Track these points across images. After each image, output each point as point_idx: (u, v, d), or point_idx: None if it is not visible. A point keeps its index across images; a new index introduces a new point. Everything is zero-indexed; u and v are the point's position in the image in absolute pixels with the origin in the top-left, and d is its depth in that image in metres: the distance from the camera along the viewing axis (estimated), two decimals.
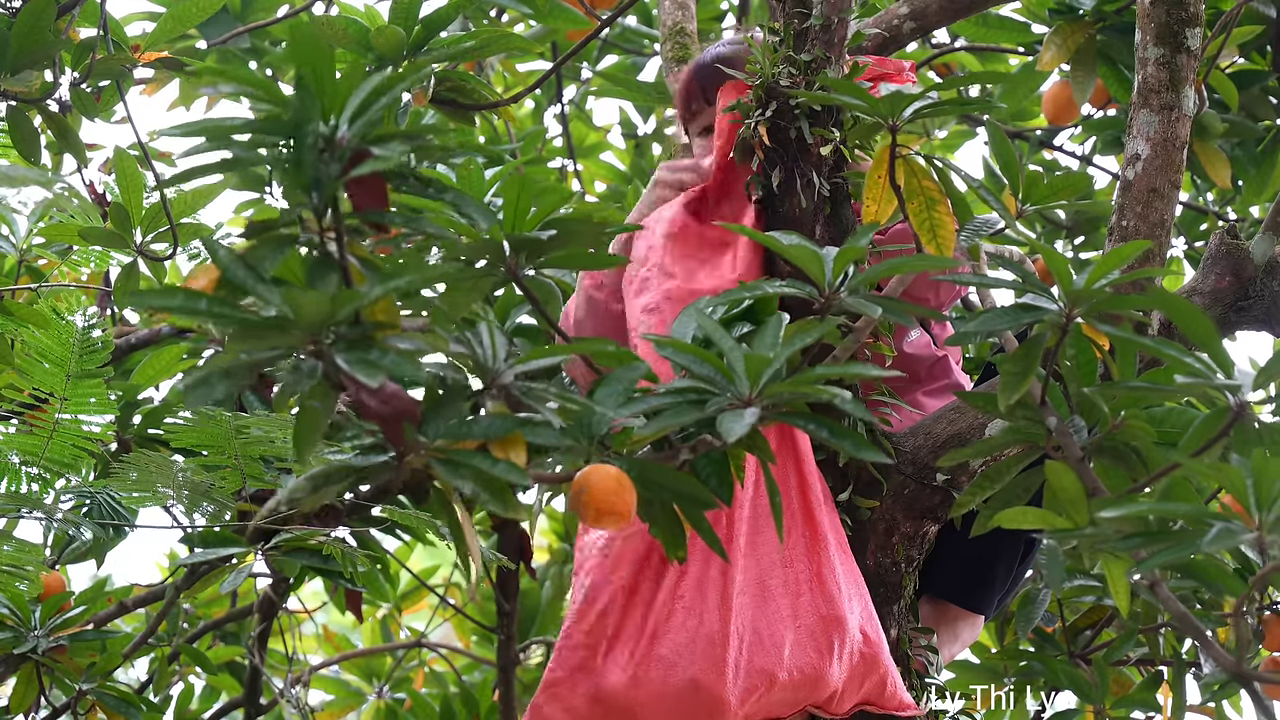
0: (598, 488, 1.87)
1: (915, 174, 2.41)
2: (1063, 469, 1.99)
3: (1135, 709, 3.48)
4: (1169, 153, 2.97)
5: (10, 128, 3.40)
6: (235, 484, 3.18)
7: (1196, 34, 2.98)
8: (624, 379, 1.95)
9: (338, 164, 1.74)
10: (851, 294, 2.10)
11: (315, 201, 1.74)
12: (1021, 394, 2.04)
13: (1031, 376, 2.04)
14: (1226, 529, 1.77)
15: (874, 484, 2.92)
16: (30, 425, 3.37)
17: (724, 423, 1.89)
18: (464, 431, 1.82)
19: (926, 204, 2.43)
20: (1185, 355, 1.96)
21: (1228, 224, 3.16)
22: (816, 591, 2.71)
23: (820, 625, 2.68)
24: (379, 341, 1.72)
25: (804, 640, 2.67)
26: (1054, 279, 2.04)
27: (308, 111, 1.74)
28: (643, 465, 1.93)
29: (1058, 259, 2.00)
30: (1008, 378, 2.04)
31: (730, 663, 2.61)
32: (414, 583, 5.46)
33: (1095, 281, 2.00)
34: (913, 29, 3.59)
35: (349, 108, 1.76)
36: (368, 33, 3.16)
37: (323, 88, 1.74)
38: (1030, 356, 2.04)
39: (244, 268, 1.71)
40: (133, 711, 3.46)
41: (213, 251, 1.68)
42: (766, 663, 2.64)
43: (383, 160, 1.73)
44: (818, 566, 2.72)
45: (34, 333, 3.35)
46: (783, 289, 2.12)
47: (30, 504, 3.17)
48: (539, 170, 5.45)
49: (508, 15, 5.70)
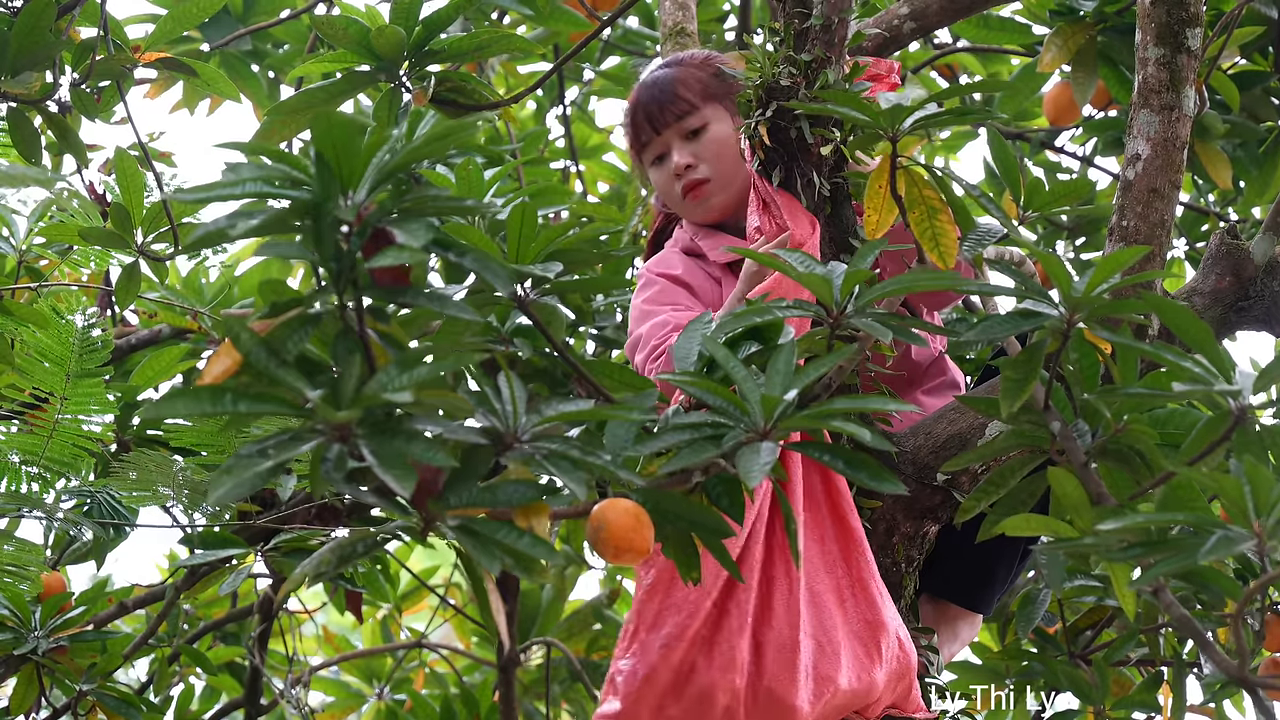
0: (615, 525, 1.87)
1: (916, 183, 2.40)
2: (1066, 475, 1.99)
3: (1135, 709, 3.47)
4: (1169, 153, 2.96)
5: (10, 128, 3.40)
6: None
7: (1197, 34, 2.97)
8: (636, 411, 1.93)
9: (359, 238, 1.73)
10: (859, 314, 2.10)
11: (335, 277, 1.73)
12: (1023, 400, 2.03)
13: (1033, 383, 2.03)
14: (1225, 537, 1.77)
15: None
16: (30, 425, 3.37)
17: (743, 461, 1.88)
18: (486, 499, 1.81)
19: (928, 213, 2.42)
20: (1184, 359, 1.96)
21: (1228, 224, 3.16)
22: (861, 597, 2.69)
23: (868, 631, 2.67)
24: (405, 428, 1.71)
25: (856, 647, 2.66)
26: (1052, 283, 2.04)
27: (327, 189, 1.72)
28: (657, 496, 1.92)
29: (1057, 264, 2.00)
30: (1009, 384, 2.04)
31: (801, 669, 2.60)
32: (414, 583, 5.46)
33: (1095, 287, 2.00)
34: (913, 29, 3.59)
35: (366, 180, 1.74)
36: (368, 33, 3.16)
37: (341, 160, 1.72)
38: (1032, 362, 2.03)
39: (267, 352, 1.71)
40: (133, 712, 3.46)
41: (234, 335, 1.67)
42: (830, 669, 2.62)
43: (408, 251, 1.71)
44: (858, 571, 2.71)
45: (34, 332, 3.35)
46: (790, 312, 2.11)
47: (30, 504, 3.17)
48: (541, 171, 5.45)
49: (509, 17, 5.70)
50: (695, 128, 3.09)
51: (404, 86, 3.26)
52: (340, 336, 1.75)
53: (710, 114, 3.11)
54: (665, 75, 3.17)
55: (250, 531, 3.55)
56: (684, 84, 3.13)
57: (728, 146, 3.07)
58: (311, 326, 1.75)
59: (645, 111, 3.14)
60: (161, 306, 4.22)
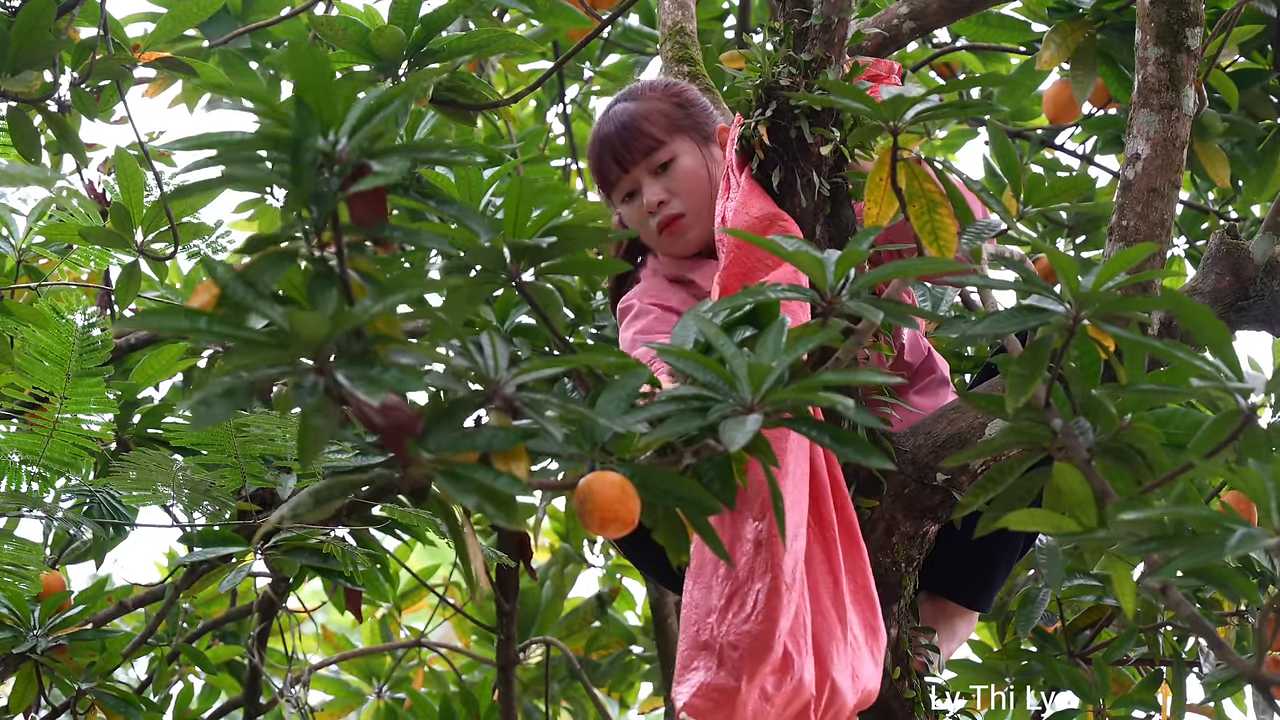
0: (600, 496, 1.87)
1: (917, 176, 2.40)
2: (1071, 471, 1.99)
3: (1135, 709, 3.48)
4: (1169, 152, 2.96)
5: (10, 128, 3.40)
6: (235, 483, 3.18)
7: (1197, 33, 2.97)
8: (627, 386, 1.94)
9: (337, 179, 1.74)
10: (853, 298, 2.10)
11: (315, 216, 1.74)
12: (1029, 397, 2.03)
13: (1039, 379, 2.03)
14: (1249, 534, 1.77)
15: (874, 483, 2.92)
16: (30, 424, 3.37)
17: (727, 430, 1.88)
18: (466, 443, 1.81)
19: (928, 206, 2.43)
20: (1195, 357, 1.96)
21: (1228, 223, 3.16)
22: (866, 603, 2.69)
23: (871, 636, 2.68)
24: (380, 356, 1.72)
25: (861, 651, 2.66)
26: (1058, 278, 2.04)
27: (306, 127, 1.73)
28: (646, 471, 1.93)
29: (1065, 260, 2.00)
30: (1015, 379, 2.03)
31: (847, 661, 2.59)
32: (413, 582, 5.46)
33: (1103, 283, 2.00)
34: (912, 29, 3.59)
35: (348, 121, 1.76)
36: (368, 33, 3.15)
37: (321, 102, 1.74)
38: (1038, 359, 2.03)
39: (243, 285, 1.71)
40: (132, 711, 3.47)
41: (211, 269, 1.68)
42: (860, 667, 2.62)
43: (383, 176, 1.73)
44: (863, 580, 2.70)
45: (34, 332, 3.35)
46: (785, 294, 2.12)
47: (30, 503, 3.17)
48: (541, 170, 5.45)
49: (509, 15, 5.70)
50: (664, 161, 3.08)
51: None
52: (318, 276, 1.76)
53: (678, 146, 3.09)
54: (628, 111, 3.13)
55: (249, 530, 3.55)
56: (648, 119, 3.10)
57: (698, 178, 3.06)
58: (288, 261, 1.76)
59: (611, 150, 3.11)
60: (161, 305, 4.22)
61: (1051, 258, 2.01)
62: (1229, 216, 4.96)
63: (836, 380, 1.95)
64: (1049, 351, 2.04)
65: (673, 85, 3.20)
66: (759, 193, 2.83)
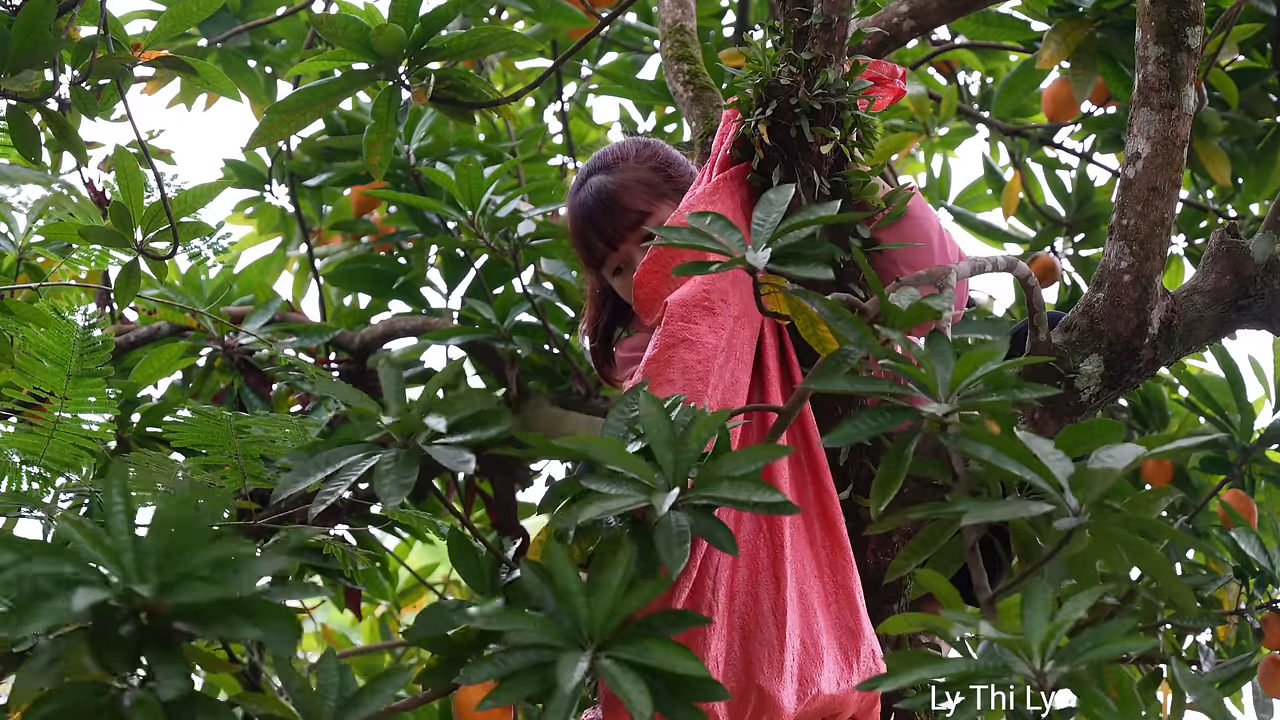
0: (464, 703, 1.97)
1: (801, 310, 2.58)
2: (935, 576, 2.06)
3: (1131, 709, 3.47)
4: (1169, 151, 2.97)
5: (10, 127, 3.39)
6: (235, 483, 3.18)
7: (1197, 32, 2.98)
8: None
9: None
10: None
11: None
12: (890, 498, 2.16)
13: (900, 479, 2.14)
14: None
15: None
16: (30, 424, 3.37)
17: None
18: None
19: (810, 321, 2.61)
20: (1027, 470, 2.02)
21: (1228, 222, 3.16)
22: (844, 603, 2.69)
23: (849, 638, 2.67)
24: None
25: (837, 654, 2.65)
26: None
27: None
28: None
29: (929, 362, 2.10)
30: (880, 481, 2.15)
31: (787, 669, 2.58)
32: (413, 580, 5.46)
33: (960, 382, 2.08)
34: (912, 27, 3.59)
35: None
36: (367, 30, 3.15)
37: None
38: (901, 460, 2.13)
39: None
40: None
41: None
42: (813, 671, 2.61)
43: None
44: (843, 578, 2.70)
45: (34, 331, 3.35)
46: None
47: (30, 503, 3.17)
48: (539, 168, 5.45)
49: (508, 13, 5.70)
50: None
51: (403, 84, 3.25)
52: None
53: (663, 214, 3.05)
54: (607, 186, 3.08)
55: (249, 530, 3.55)
56: (629, 191, 3.07)
57: None
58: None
59: (595, 228, 3.07)
60: (161, 304, 4.22)
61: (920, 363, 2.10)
62: (1229, 215, 4.96)
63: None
64: (911, 450, 2.13)
65: (645, 149, 3.15)
66: (725, 194, 2.81)
